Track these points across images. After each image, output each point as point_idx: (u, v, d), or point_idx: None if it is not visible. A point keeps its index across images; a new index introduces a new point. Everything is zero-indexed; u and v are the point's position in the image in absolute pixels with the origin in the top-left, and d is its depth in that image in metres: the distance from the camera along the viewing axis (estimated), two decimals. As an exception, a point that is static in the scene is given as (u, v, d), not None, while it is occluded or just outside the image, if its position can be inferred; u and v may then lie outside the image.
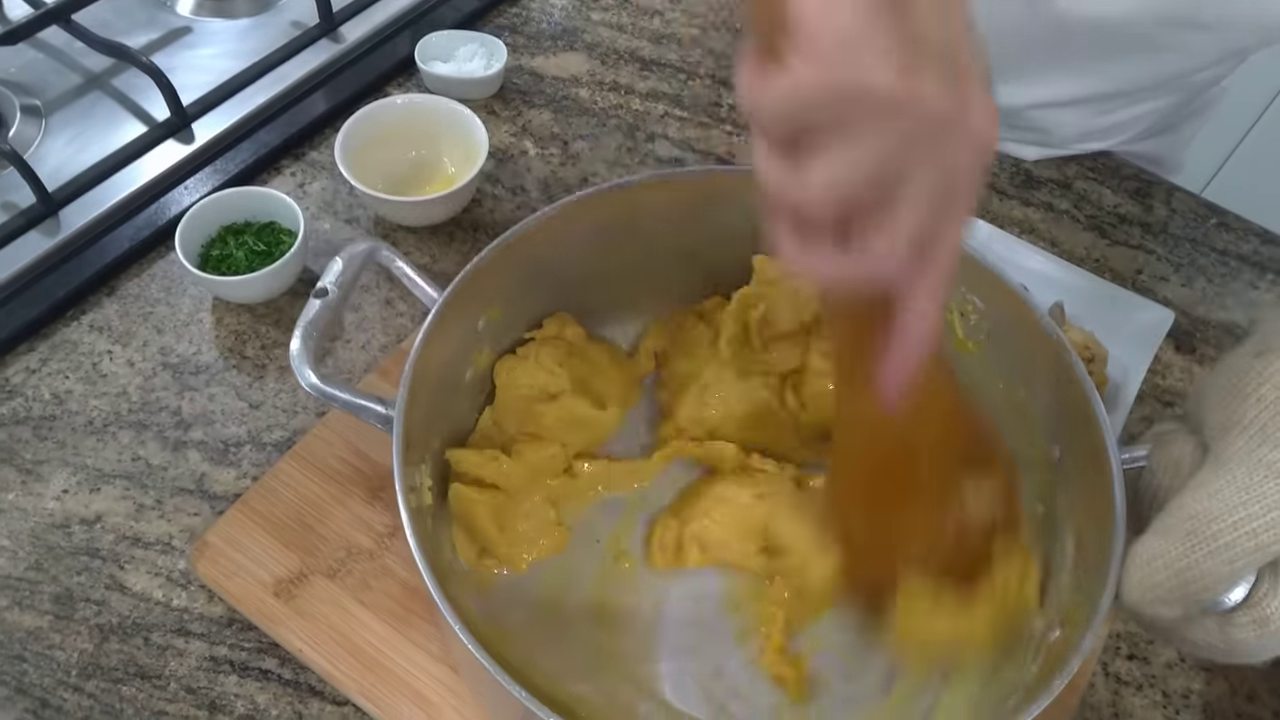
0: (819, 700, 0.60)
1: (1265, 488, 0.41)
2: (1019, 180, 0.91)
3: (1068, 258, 0.85)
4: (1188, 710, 0.64)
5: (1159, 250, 0.87)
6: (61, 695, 0.61)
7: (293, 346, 0.56)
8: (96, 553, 0.66)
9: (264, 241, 0.79)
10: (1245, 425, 0.43)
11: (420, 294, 0.59)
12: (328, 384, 0.55)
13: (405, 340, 0.76)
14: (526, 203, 0.86)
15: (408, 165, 0.86)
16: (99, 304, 0.78)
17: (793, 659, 0.60)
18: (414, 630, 0.63)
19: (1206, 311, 0.83)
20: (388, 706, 0.60)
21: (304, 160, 0.88)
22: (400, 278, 0.60)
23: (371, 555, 0.65)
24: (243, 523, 0.66)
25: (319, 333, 0.57)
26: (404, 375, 0.55)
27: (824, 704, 0.60)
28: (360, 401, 0.55)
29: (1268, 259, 0.87)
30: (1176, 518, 0.42)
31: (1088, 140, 0.91)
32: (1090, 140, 0.92)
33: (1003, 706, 0.53)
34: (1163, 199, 0.91)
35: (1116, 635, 0.67)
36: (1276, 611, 0.41)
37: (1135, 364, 0.78)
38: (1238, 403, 0.44)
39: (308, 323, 0.57)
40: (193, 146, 0.86)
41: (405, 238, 0.83)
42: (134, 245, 0.80)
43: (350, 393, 0.55)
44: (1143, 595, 0.43)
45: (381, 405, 0.55)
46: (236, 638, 0.63)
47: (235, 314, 0.78)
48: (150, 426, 0.72)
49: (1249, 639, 0.42)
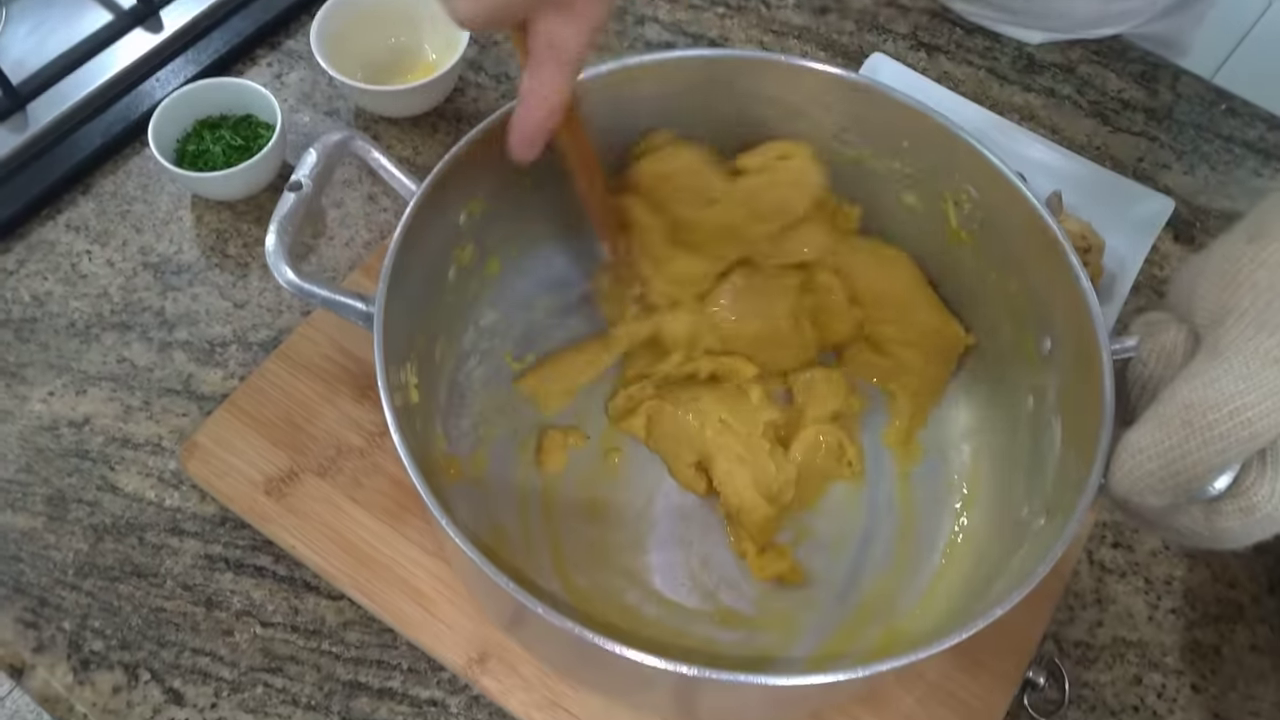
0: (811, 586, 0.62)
1: (1263, 376, 0.40)
2: (1021, 65, 0.89)
3: (1068, 145, 0.84)
4: (1169, 596, 0.66)
5: (1162, 137, 0.86)
6: (60, 594, 0.63)
7: (268, 243, 0.55)
8: (86, 455, 0.67)
9: (241, 136, 0.78)
10: (1241, 313, 0.43)
11: (398, 186, 0.58)
12: (306, 281, 0.54)
13: (388, 236, 0.75)
14: (511, 91, 0.84)
15: (387, 53, 0.84)
16: (74, 202, 0.77)
17: (778, 552, 0.62)
18: (407, 526, 0.64)
19: (1208, 200, 0.83)
20: (382, 600, 0.62)
21: (280, 49, 0.86)
22: (377, 169, 0.59)
23: (362, 453, 0.66)
24: (231, 423, 0.67)
25: (295, 228, 0.56)
26: (382, 272, 0.54)
27: (814, 591, 0.62)
28: (340, 298, 0.55)
29: (1274, 146, 0.86)
30: (1171, 407, 0.42)
31: (1100, 25, 0.89)
32: (1102, 26, 0.89)
33: (988, 591, 0.55)
34: (1168, 83, 0.89)
35: (1102, 524, 0.68)
36: (1263, 499, 0.42)
37: (1133, 254, 0.78)
38: (1231, 290, 0.43)
39: (282, 218, 0.55)
40: (162, 35, 0.84)
41: (387, 129, 0.82)
42: (107, 141, 0.79)
43: (329, 289, 0.55)
44: (1133, 485, 0.44)
45: (362, 302, 0.55)
46: (230, 536, 0.65)
47: (215, 211, 0.78)
48: (134, 327, 0.72)
49: (1234, 526, 0.43)
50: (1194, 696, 0.63)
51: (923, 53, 0.90)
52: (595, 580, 0.62)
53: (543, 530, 0.63)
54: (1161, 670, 0.64)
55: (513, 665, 0.60)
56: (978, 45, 0.90)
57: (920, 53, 0.90)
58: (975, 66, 0.89)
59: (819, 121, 0.63)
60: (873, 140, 0.64)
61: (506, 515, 0.63)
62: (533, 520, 0.64)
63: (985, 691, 0.60)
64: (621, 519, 0.64)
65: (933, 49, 0.90)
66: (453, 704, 0.60)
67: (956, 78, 0.88)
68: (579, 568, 0.62)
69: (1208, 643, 0.65)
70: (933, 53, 0.90)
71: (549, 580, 0.61)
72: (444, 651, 0.61)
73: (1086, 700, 0.62)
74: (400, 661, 0.61)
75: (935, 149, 0.62)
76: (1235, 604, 0.66)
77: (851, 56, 0.89)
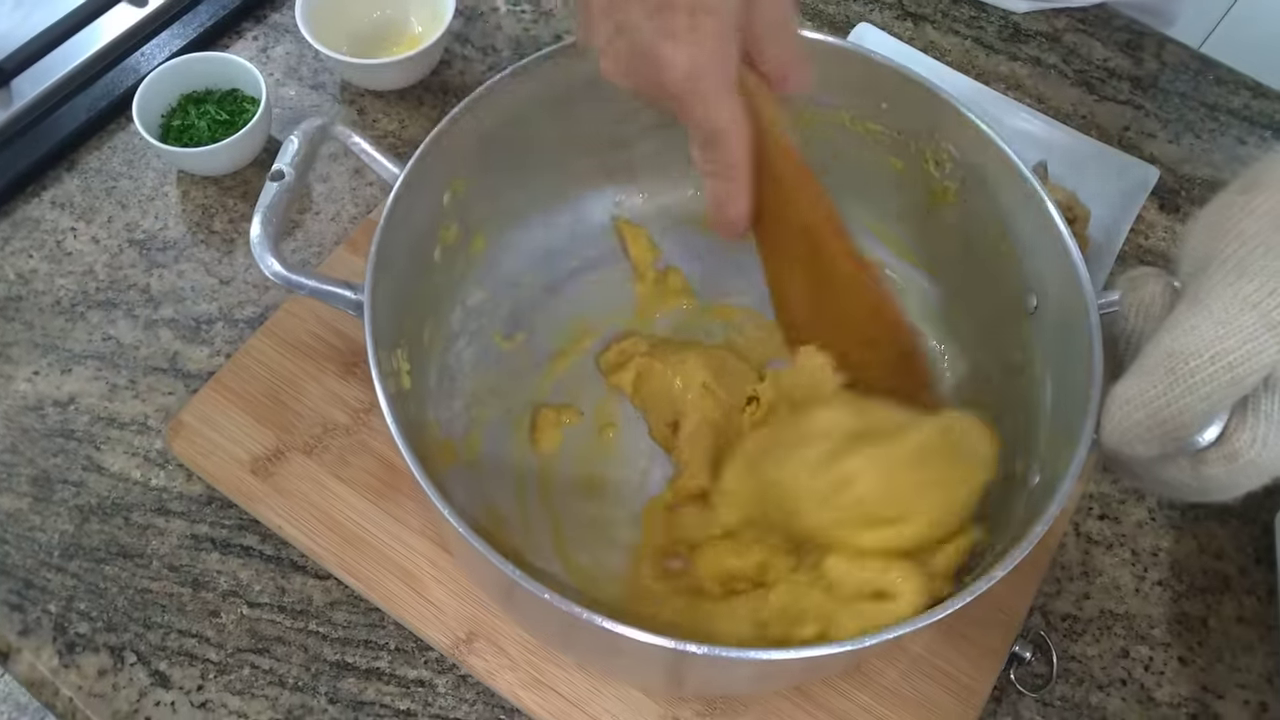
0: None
1: (1241, 320, 0.39)
2: (1006, 34, 0.84)
3: (1054, 114, 0.79)
4: (1156, 567, 0.62)
5: (1147, 105, 0.81)
6: (45, 575, 0.59)
7: (253, 233, 0.51)
8: (72, 434, 0.63)
9: (226, 110, 0.73)
10: (1223, 260, 0.41)
11: (380, 170, 0.54)
12: (293, 271, 0.50)
13: (374, 210, 0.71)
14: (498, 63, 0.79)
15: (372, 26, 0.79)
16: (59, 179, 0.72)
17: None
18: (393, 504, 0.60)
19: (1193, 169, 0.78)
20: (369, 580, 0.58)
21: (266, 23, 0.81)
22: (359, 153, 0.55)
23: (348, 431, 0.62)
24: (217, 401, 0.63)
25: (279, 217, 0.52)
26: (369, 258, 0.50)
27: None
28: (327, 288, 0.50)
29: (1258, 113, 0.81)
30: (1153, 357, 0.41)
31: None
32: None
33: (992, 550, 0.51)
34: (1153, 52, 0.84)
35: (1089, 496, 0.64)
36: (1245, 446, 0.40)
37: (1118, 223, 0.73)
38: (1218, 239, 0.42)
39: (266, 208, 0.51)
40: (147, 9, 0.78)
41: (373, 102, 0.77)
42: (92, 117, 0.74)
43: (316, 279, 0.51)
44: (1122, 435, 0.42)
45: (350, 290, 0.50)
46: (216, 515, 0.61)
47: (201, 187, 0.73)
48: (119, 305, 0.68)
49: (1219, 474, 0.41)
50: (1181, 668, 0.59)
51: (909, 22, 0.84)
52: (597, 557, 0.58)
53: (541, 510, 0.59)
54: (1149, 642, 0.60)
55: (500, 645, 0.56)
56: (964, 14, 0.85)
57: (906, 22, 0.84)
58: (961, 36, 0.84)
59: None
60: (852, 103, 0.60)
61: (503, 497, 0.59)
62: (530, 500, 0.60)
63: (972, 666, 0.57)
64: (619, 495, 0.60)
65: (919, 18, 0.85)
66: (440, 684, 0.57)
67: (943, 47, 0.83)
68: (580, 546, 0.58)
69: (1195, 614, 0.61)
70: (919, 22, 0.85)
71: (550, 561, 0.58)
72: (431, 631, 0.57)
73: (1074, 673, 0.59)
74: (388, 641, 0.58)
75: (913, 109, 0.58)
76: (1222, 575, 0.62)
77: (838, 26, 0.83)
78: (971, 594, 0.44)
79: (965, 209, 0.60)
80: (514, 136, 0.59)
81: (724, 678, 0.54)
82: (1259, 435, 0.40)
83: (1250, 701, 0.59)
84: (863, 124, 0.61)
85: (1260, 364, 0.39)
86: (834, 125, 0.62)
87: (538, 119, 0.59)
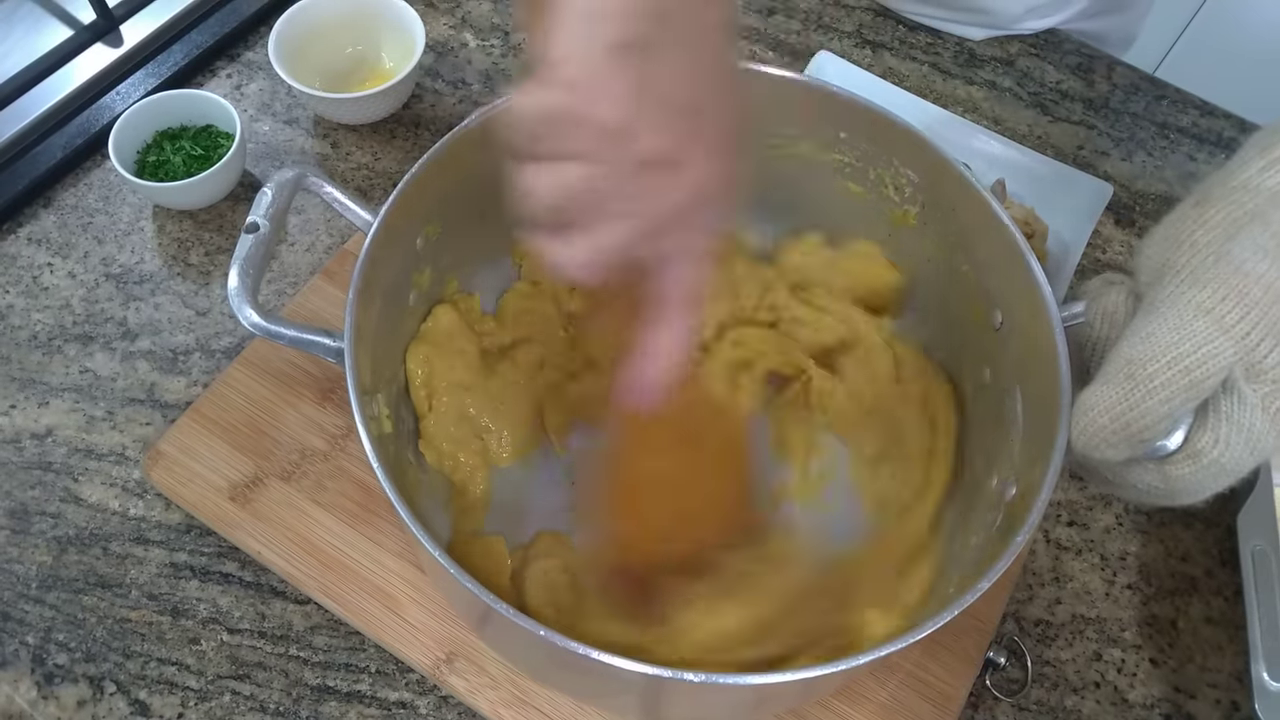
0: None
1: (1194, 326, 0.40)
2: (962, 59, 0.86)
3: (1010, 135, 0.81)
4: (1125, 571, 0.63)
5: (1100, 125, 0.83)
6: (23, 608, 0.58)
7: (230, 285, 0.51)
8: (49, 466, 0.63)
9: (201, 146, 0.74)
10: (1177, 270, 0.43)
11: (353, 218, 0.54)
12: (271, 322, 0.50)
13: (350, 240, 0.71)
14: (469, 96, 0.80)
15: (345, 62, 0.80)
16: (35, 216, 0.72)
17: None
18: (370, 528, 0.60)
19: (1146, 185, 0.80)
20: (349, 603, 0.58)
21: (239, 61, 0.81)
22: (331, 203, 0.55)
23: (325, 456, 0.62)
24: (195, 430, 0.63)
25: (256, 269, 0.52)
26: (346, 307, 0.50)
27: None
28: (308, 337, 0.50)
29: (1206, 130, 0.83)
30: (1115, 364, 0.42)
31: (1032, 17, 0.86)
32: (1034, 17, 0.87)
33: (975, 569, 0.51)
34: (1104, 74, 0.86)
35: (1057, 503, 0.65)
36: (1207, 446, 0.41)
37: (1076, 238, 0.75)
38: (1172, 250, 0.43)
39: (243, 260, 0.51)
40: (122, 49, 0.79)
41: (347, 136, 0.77)
42: (67, 154, 0.74)
43: (295, 328, 0.50)
44: (1088, 440, 0.43)
45: (329, 338, 0.51)
46: (195, 543, 0.60)
47: (177, 221, 0.73)
48: (96, 338, 0.67)
49: (1185, 475, 0.42)
50: (1153, 670, 0.60)
51: (868, 50, 0.86)
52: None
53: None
54: (1120, 645, 0.60)
55: (480, 664, 0.56)
56: (920, 41, 0.87)
57: (865, 50, 0.86)
58: (919, 62, 0.86)
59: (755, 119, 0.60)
60: (811, 133, 0.61)
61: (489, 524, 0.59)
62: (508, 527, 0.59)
63: (948, 673, 0.57)
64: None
65: (877, 46, 0.87)
66: (421, 705, 0.56)
67: (901, 73, 0.85)
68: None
69: (1164, 616, 0.61)
70: (877, 50, 0.86)
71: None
72: (411, 653, 0.56)
73: (1048, 678, 0.59)
74: (368, 664, 0.57)
75: (871, 137, 0.59)
76: (1189, 578, 0.63)
77: (799, 55, 0.85)
78: (959, 606, 0.44)
79: (926, 231, 0.61)
80: (488, 179, 0.60)
81: (709, 707, 0.53)
82: (1220, 436, 0.41)
83: (1221, 701, 0.59)
84: (823, 153, 0.62)
85: (1216, 367, 0.40)
86: (794, 157, 0.62)
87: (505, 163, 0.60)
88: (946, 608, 0.44)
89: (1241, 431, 0.41)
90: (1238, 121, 0.84)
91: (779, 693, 0.52)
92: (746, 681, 0.43)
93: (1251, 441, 0.41)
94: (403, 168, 0.54)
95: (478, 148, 0.57)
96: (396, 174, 0.55)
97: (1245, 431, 0.41)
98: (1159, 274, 0.43)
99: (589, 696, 0.55)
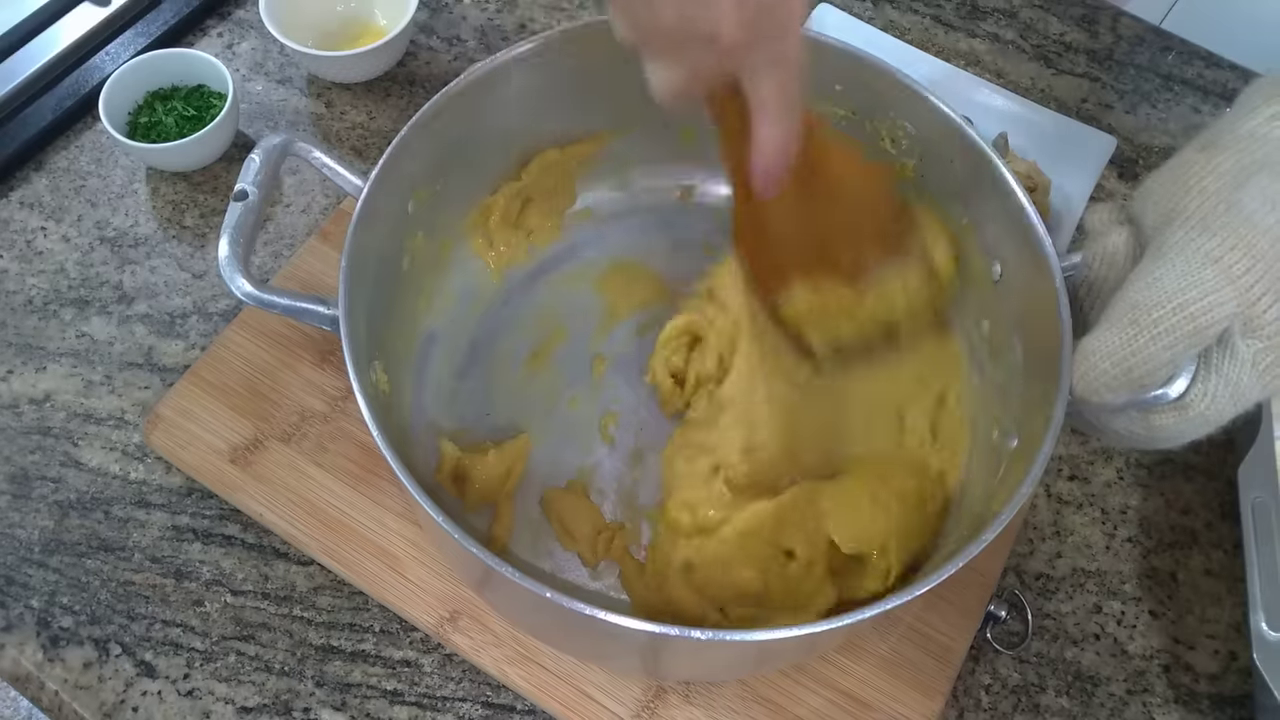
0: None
1: (1202, 274, 0.41)
2: (964, 11, 0.85)
3: (1013, 88, 0.80)
4: (1125, 525, 0.63)
5: (1104, 78, 0.82)
6: (26, 572, 0.58)
7: (220, 254, 0.50)
8: (49, 431, 0.62)
9: (193, 106, 0.73)
10: (1186, 216, 0.42)
11: (343, 183, 0.54)
12: (264, 291, 0.50)
13: (345, 201, 0.71)
14: (464, 53, 0.79)
15: (337, 19, 0.79)
16: (27, 180, 0.72)
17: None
18: (372, 488, 0.60)
19: (1150, 138, 0.79)
20: (351, 563, 0.58)
21: (230, 19, 0.80)
22: (320, 168, 0.54)
23: (325, 418, 0.62)
24: (194, 393, 0.62)
25: (246, 237, 0.51)
26: (341, 274, 0.50)
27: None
28: (301, 305, 0.50)
29: (1211, 82, 0.82)
30: (1119, 309, 0.42)
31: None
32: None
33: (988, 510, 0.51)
34: (1108, 25, 0.85)
35: (1059, 458, 0.65)
36: (1196, 399, 0.42)
37: (1078, 192, 0.74)
38: (1180, 195, 0.43)
39: (233, 228, 0.51)
40: (110, 9, 0.78)
41: (340, 95, 0.77)
42: (58, 117, 0.74)
43: (289, 297, 0.50)
44: (1090, 385, 0.43)
45: (323, 305, 0.50)
46: (197, 506, 0.61)
47: (171, 183, 0.72)
48: (92, 302, 0.67)
49: (1168, 424, 0.43)
50: (1153, 622, 0.60)
51: (869, 2, 0.85)
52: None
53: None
54: (1120, 598, 0.61)
55: (483, 622, 0.56)
56: (922, -6, 0.86)
57: (866, 2, 0.85)
58: (920, 14, 0.85)
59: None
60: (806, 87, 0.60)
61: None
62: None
63: (949, 627, 0.57)
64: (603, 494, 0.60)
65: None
66: (426, 663, 0.57)
67: (902, 26, 0.84)
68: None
69: (1164, 569, 0.62)
70: (878, 2, 0.85)
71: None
72: (415, 612, 0.57)
73: (1049, 630, 0.60)
74: (372, 624, 0.58)
75: (867, 89, 0.59)
76: (1189, 530, 0.63)
77: (799, 8, 0.84)
78: (965, 557, 0.44)
79: (924, 184, 0.60)
80: (479, 139, 0.59)
81: (713, 661, 0.54)
82: (1209, 389, 0.41)
83: (1220, 651, 0.59)
84: (819, 106, 0.61)
85: (1220, 315, 0.40)
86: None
87: (503, 118, 0.59)
88: (949, 561, 0.44)
89: (1229, 386, 0.41)
90: (1243, 73, 0.83)
91: (781, 648, 0.52)
92: (749, 638, 0.43)
93: (1236, 395, 0.42)
94: (397, 126, 0.53)
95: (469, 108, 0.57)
96: (391, 132, 0.55)
97: (1232, 386, 0.41)
98: (1167, 218, 0.43)
99: (591, 657, 0.56)
